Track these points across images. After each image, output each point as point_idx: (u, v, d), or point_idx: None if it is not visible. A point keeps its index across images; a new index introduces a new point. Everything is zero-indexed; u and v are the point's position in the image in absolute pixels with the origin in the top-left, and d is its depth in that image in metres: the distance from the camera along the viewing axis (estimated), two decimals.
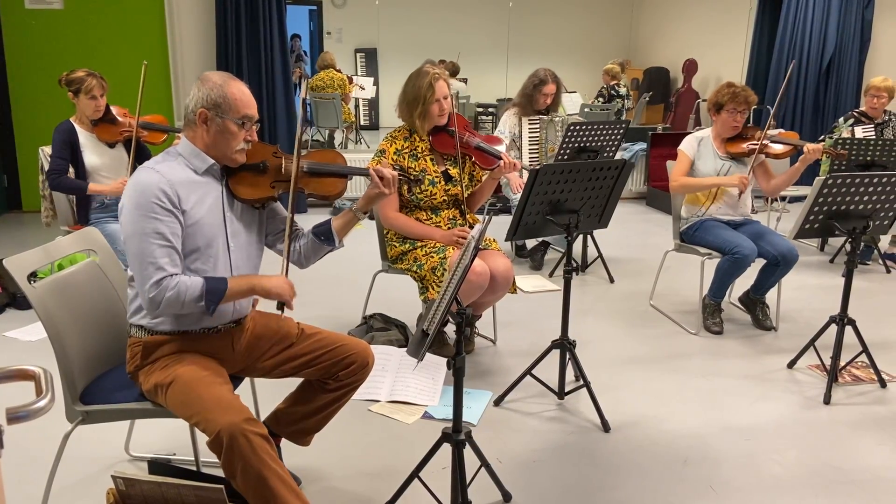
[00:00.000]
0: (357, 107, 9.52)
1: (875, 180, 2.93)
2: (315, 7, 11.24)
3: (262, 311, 2.29)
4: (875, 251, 5.21)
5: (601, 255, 4.85)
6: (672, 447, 2.70)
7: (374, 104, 10.86)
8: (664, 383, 3.24)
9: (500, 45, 10.97)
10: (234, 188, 2.10)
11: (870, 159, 4.56)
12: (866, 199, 2.98)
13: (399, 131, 3.28)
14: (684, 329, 3.88)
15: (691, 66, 9.98)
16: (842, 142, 4.62)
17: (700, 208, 3.88)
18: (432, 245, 3.17)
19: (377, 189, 2.23)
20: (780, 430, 2.84)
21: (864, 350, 3.22)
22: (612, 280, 4.72)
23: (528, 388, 3.05)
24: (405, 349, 3.33)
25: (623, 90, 8.62)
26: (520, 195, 2.74)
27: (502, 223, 3.30)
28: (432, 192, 3.21)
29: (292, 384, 2.29)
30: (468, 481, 2.15)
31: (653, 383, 3.24)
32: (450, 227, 3.24)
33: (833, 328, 3.19)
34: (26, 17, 6.01)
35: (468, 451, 2.14)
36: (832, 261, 5.29)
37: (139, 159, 3.88)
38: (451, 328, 3.52)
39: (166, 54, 6.24)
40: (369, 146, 8.97)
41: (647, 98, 9.71)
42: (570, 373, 3.11)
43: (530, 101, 4.81)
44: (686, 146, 3.87)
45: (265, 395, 2.70)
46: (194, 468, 2.37)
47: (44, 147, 3.78)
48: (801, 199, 6.36)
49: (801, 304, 4.31)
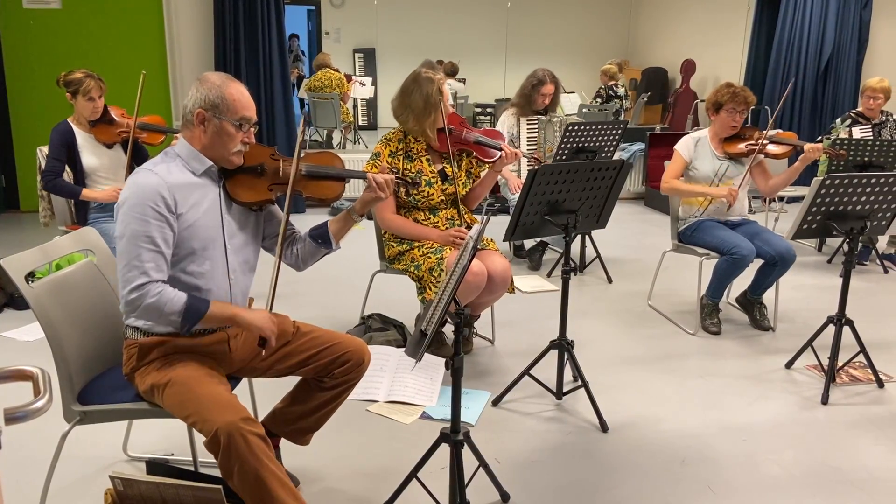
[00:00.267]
0: (355, 107, 9.52)
1: (873, 181, 2.93)
2: (313, 7, 11.23)
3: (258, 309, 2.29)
4: (873, 251, 5.22)
5: (599, 256, 4.85)
6: (670, 447, 2.70)
7: (372, 104, 10.85)
8: (662, 383, 3.24)
9: (498, 46, 10.98)
10: (232, 191, 2.09)
11: (867, 160, 4.57)
12: (864, 199, 2.99)
13: (393, 133, 3.28)
14: (682, 329, 3.88)
15: (689, 67, 9.99)
16: (839, 142, 4.63)
17: (697, 209, 3.88)
18: (429, 245, 3.17)
19: (373, 193, 2.22)
20: (777, 430, 2.84)
21: (862, 350, 3.22)
22: (610, 280, 4.73)
23: (527, 389, 3.06)
24: (403, 349, 3.33)
25: (621, 90, 8.63)
26: (518, 195, 2.74)
27: (500, 223, 3.30)
28: (429, 192, 3.21)
29: (290, 384, 2.29)
30: (466, 481, 2.15)
31: (651, 383, 3.24)
32: (448, 227, 3.24)
33: (831, 328, 3.20)
34: (24, 16, 6.01)
35: (466, 452, 2.14)
36: (830, 261, 5.30)
37: (137, 160, 3.87)
38: (449, 328, 3.52)
39: (164, 54, 6.23)
40: (367, 146, 8.97)
41: (646, 98, 9.72)
42: (569, 373, 3.11)
43: (528, 101, 4.81)
44: (682, 147, 3.88)
45: (263, 396, 2.70)
46: (192, 468, 2.37)
47: (42, 147, 3.78)
48: (799, 199, 6.37)
49: (798, 304, 4.32)
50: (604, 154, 4.66)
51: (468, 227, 3.27)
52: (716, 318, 3.87)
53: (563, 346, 2.95)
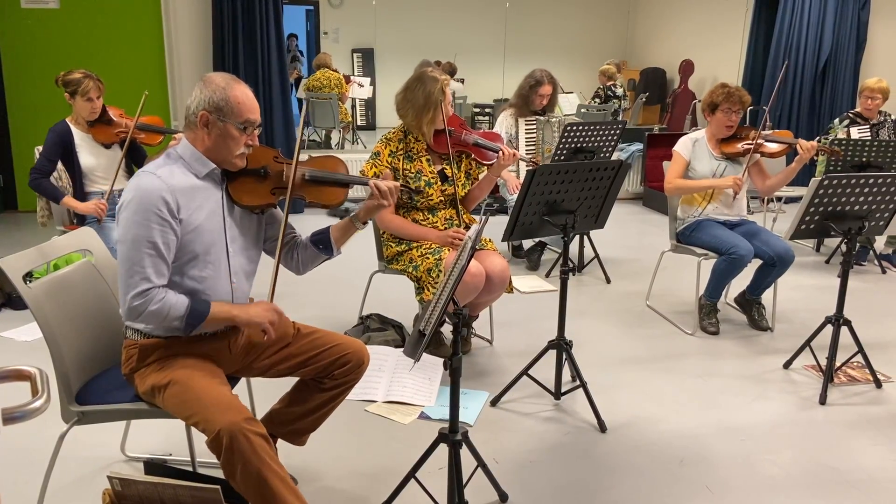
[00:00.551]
0: (354, 107, 9.51)
1: (871, 181, 2.94)
2: (312, 7, 11.23)
3: (245, 304, 2.28)
4: (871, 252, 5.22)
5: (598, 256, 4.85)
6: (668, 447, 2.70)
7: (370, 104, 10.85)
8: (660, 384, 3.24)
9: (496, 46, 10.98)
10: (234, 194, 2.07)
11: (865, 160, 4.57)
12: (862, 199, 2.99)
13: (394, 133, 3.28)
14: (681, 329, 3.89)
15: (688, 67, 10.00)
16: (837, 143, 4.63)
17: (696, 208, 3.88)
18: (428, 246, 3.17)
19: (377, 201, 2.20)
20: (775, 431, 2.85)
21: (860, 350, 3.22)
22: (608, 280, 4.73)
23: (525, 389, 3.06)
24: (402, 349, 3.33)
25: (620, 91, 8.63)
26: (516, 195, 2.74)
27: (499, 223, 3.30)
28: (429, 192, 3.21)
29: (288, 384, 2.29)
30: (465, 481, 2.15)
31: (649, 384, 3.24)
32: (446, 228, 3.24)
33: (829, 328, 3.20)
34: (22, 16, 6.00)
35: (465, 452, 2.14)
36: (828, 261, 5.30)
37: (135, 160, 3.87)
38: (447, 328, 3.51)
39: (162, 54, 6.23)
40: (366, 146, 8.97)
41: (644, 99, 9.72)
42: (567, 373, 3.11)
43: (526, 101, 4.82)
44: (681, 147, 3.88)
45: (261, 396, 2.70)
46: (190, 468, 2.37)
47: (40, 147, 3.77)
48: (797, 199, 6.38)
49: (796, 304, 4.32)
50: (602, 154, 4.67)
51: (466, 227, 3.27)
52: (714, 319, 3.87)
53: (561, 346, 2.95)
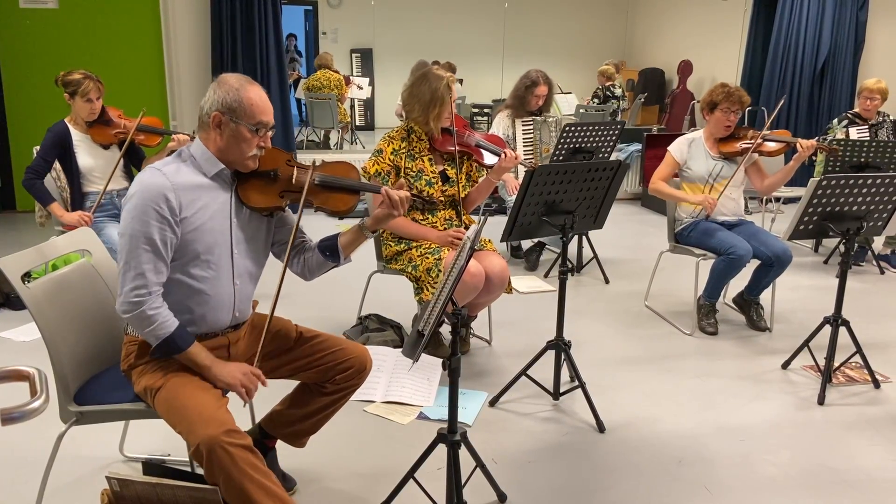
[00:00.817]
0: (353, 107, 9.51)
1: (869, 182, 2.94)
2: (311, 7, 11.23)
3: (260, 312, 2.28)
4: (869, 252, 5.23)
5: (596, 256, 4.85)
6: (667, 448, 2.70)
7: (369, 104, 10.85)
8: (659, 384, 3.25)
9: (495, 46, 10.99)
10: (243, 194, 2.06)
11: (864, 161, 4.58)
12: (860, 200, 2.99)
13: (397, 131, 3.28)
14: (679, 330, 3.89)
15: (686, 68, 10.01)
16: (836, 143, 4.64)
17: (694, 209, 3.89)
18: (427, 246, 3.17)
19: (388, 210, 2.16)
20: (774, 431, 2.85)
21: (858, 351, 3.23)
22: (607, 281, 4.73)
23: (524, 389, 3.06)
24: (400, 350, 3.33)
25: (618, 91, 8.64)
26: (515, 196, 2.75)
27: (498, 224, 3.30)
28: (429, 192, 3.21)
29: (289, 386, 2.29)
30: (463, 482, 2.15)
31: (648, 384, 3.24)
32: (446, 228, 3.24)
33: (827, 329, 3.20)
34: (21, 16, 5.99)
35: (463, 452, 2.14)
36: (826, 262, 5.31)
37: (133, 162, 3.87)
38: (446, 329, 3.52)
39: (161, 54, 6.22)
40: (365, 146, 8.97)
41: (642, 99, 9.73)
42: (566, 373, 3.11)
43: (522, 102, 4.81)
44: (674, 148, 3.89)
45: (261, 397, 2.69)
46: (188, 469, 2.37)
47: (38, 147, 3.77)
48: (796, 200, 6.38)
49: (795, 304, 4.33)
50: (601, 155, 4.67)
51: (466, 228, 3.27)
52: (712, 319, 3.88)
53: (560, 346, 2.95)
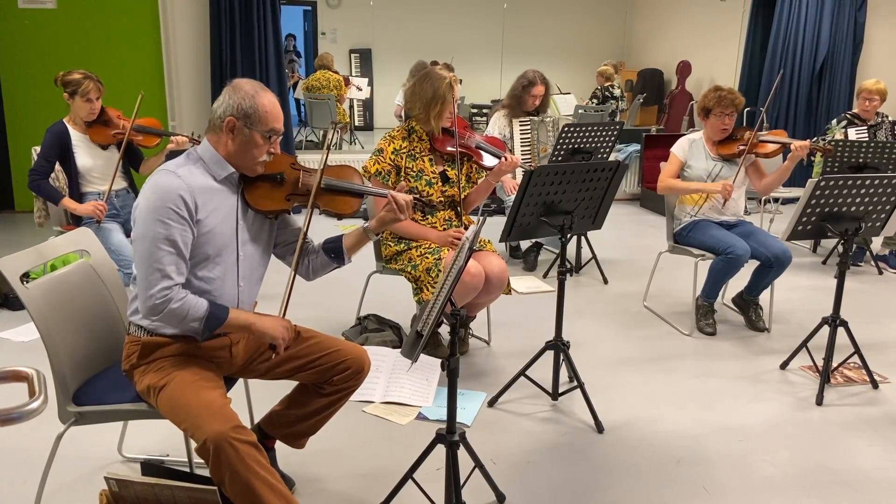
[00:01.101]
0: (351, 107, 9.52)
1: (867, 182, 2.94)
2: (309, 7, 11.22)
3: (260, 313, 2.28)
4: (867, 253, 5.24)
5: (595, 257, 4.86)
6: (665, 448, 2.70)
7: (368, 105, 10.85)
8: (658, 384, 3.25)
9: (494, 46, 10.99)
10: (250, 198, 2.08)
11: (862, 161, 4.58)
12: (858, 200, 3.00)
13: (398, 131, 3.29)
14: (678, 330, 3.89)
15: (685, 68, 10.01)
16: (835, 143, 4.64)
17: (693, 207, 3.89)
18: (427, 246, 3.17)
19: (393, 214, 2.20)
20: (772, 431, 2.85)
21: (857, 351, 3.23)
22: (605, 281, 4.73)
23: (522, 389, 3.06)
24: (399, 350, 3.33)
25: (617, 91, 8.64)
26: (514, 196, 2.75)
27: (497, 224, 3.30)
28: (429, 193, 3.21)
29: (287, 386, 2.29)
30: (462, 482, 2.15)
31: (646, 384, 3.24)
32: (445, 228, 3.25)
33: (825, 329, 3.21)
34: (19, 16, 5.99)
35: (462, 452, 2.14)
36: (825, 262, 5.31)
37: (131, 162, 3.87)
38: (445, 329, 3.53)
39: (160, 54, 6.22)
40: (363, 147, 8.97)
41: (641, 99, 9.73)
42: (564, 374, 3.11)
43: (519, 102, 4.82)
44: (677, 148, 3.90)
45: (260, 397, 2.70)
46: (187, 469, 2.37)
47: (37, 147, 3.77)
48: (795, 200, 6.39)
49: (793, 305, 4.33)
50: (600, 155, 4.67)
51: (466, 228, 3.27)
52: (711, 319, 3.88)
53: (558, 346, 2.95)
